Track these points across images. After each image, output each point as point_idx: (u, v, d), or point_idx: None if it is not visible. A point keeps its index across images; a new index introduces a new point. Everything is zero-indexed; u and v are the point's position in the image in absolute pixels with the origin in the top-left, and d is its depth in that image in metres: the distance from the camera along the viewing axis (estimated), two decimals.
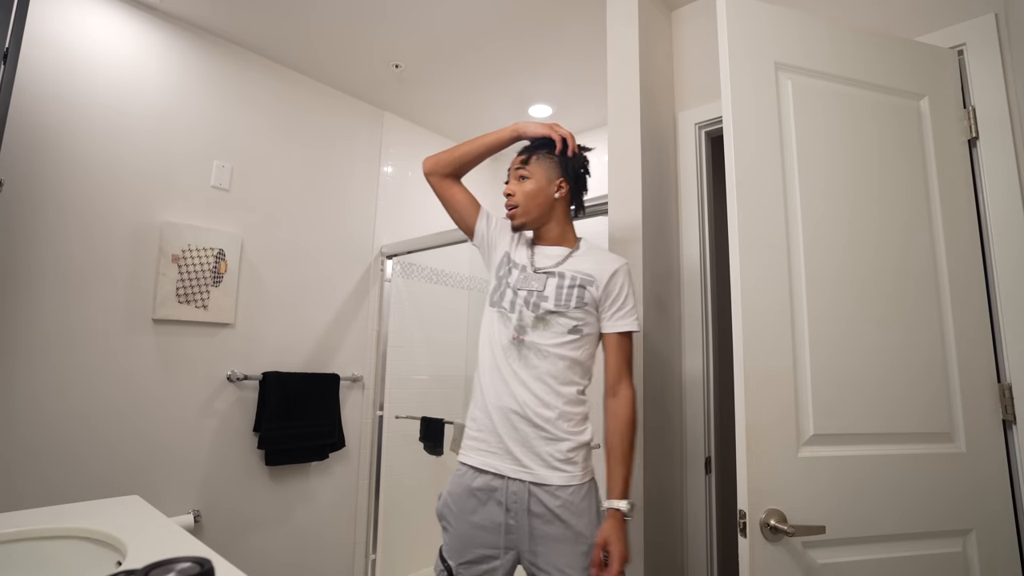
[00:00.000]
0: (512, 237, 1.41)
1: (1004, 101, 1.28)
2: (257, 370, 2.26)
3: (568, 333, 1.26)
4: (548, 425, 1.21)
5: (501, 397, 1.25)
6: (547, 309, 1.26)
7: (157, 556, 0.89)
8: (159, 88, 2.08)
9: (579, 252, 1.35)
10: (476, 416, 1.30)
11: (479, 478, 1.24)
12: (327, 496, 2.46)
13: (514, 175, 1.37)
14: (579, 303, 1.26)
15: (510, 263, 1.36)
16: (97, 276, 1.89)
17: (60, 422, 1.78)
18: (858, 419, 1.15)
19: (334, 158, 2.63)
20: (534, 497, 1.19)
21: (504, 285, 1.33)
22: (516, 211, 1.35)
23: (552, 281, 1.29)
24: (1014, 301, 1.22)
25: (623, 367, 1.30)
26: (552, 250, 1.36)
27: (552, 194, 1.35)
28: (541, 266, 1.33)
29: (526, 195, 1.34)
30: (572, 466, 1.21)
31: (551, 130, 1.37)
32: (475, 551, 1.21)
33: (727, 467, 1.75)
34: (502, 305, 1.31)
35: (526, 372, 1.24)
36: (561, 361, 1.24)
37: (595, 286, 1.28)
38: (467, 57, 2.36)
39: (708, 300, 1.73)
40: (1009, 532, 1.18)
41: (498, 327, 1.30)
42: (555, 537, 1.17)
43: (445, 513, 1.27)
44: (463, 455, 1.29)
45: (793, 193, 1.20)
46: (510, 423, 1.23)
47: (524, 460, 1.21)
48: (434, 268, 3.04)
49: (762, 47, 1.24)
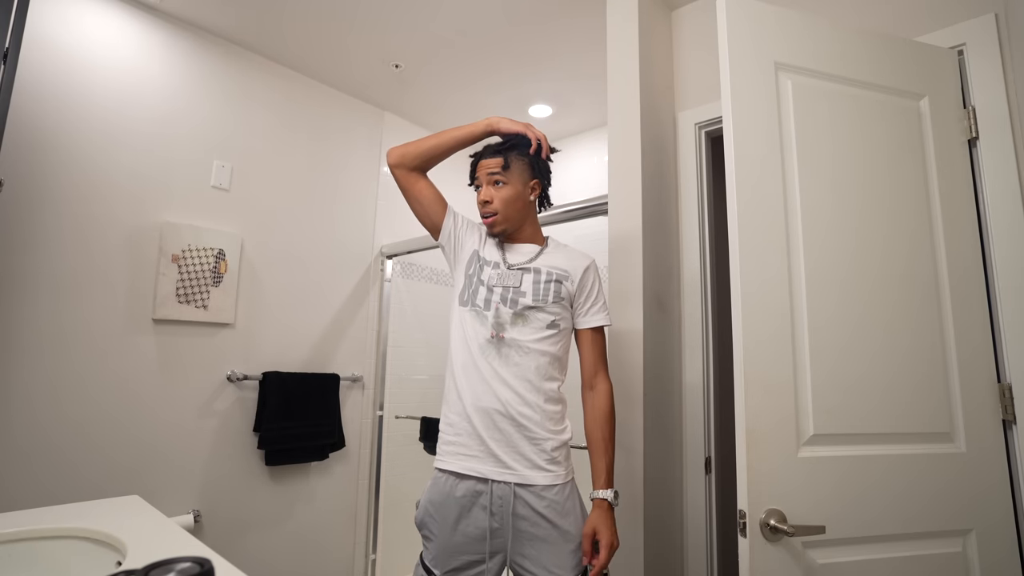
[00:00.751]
0: (481, 235, 1.38)
1: (1004, 101, 1.28)
2: (257, 370, 2.26)
3: (547, 328, 1.26)
4: (531, 424, 1.21)
5: (481, 397, 1.23)
6: (525, 304, 1.26)
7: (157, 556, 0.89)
8: (159, 88, 2.08)
9: (549, 249, 1.36)
10: (452, 420, 1.26)
11: (461, 484, 1.22)
12: (327, 496, 2.46)
13: (488, 180, 1.32)
14: (556, 298, 1.27)
15: (480, 260, 1.33)
16: (97, 276, 1.89)
17: (60, 422, 1.78)
18: (858, 419, 1.15)
19: (334, 158, 2.63)
20: (519, 499, 1.19)
21: (476, 283, 1.30)
22: (496, 219, 1.31)
23: (528, 277, 1.29)
24: (1014, 301, 1.22)
25: (599, 361, 1.32)
26: (524, 247, 1.35)
27: (528, 197, 1.34)
28: (515, 262, 1.32)
29: (505, 202, 1.30)
30: (556, 466, 1.21)
31: (527, 129, 1.33)
32: (461, 558, 1.20)
33: (727, 467, 1.75)
34: (476, 303, 1.28)
35: (507, 370, 1.23)
36: (542, 357, 1.25)
37: (570, 281, 1.30)
38: (467, 57, 2.36)
39: (708, 300, 1.73)
40: (1009, 532, 1.18)
41: (473, 326, 1.27)
42: (542, 538, 1.18)
43: (427, 522, 1.24)
44: (440, 461, 1.25)
45: (793, 193, 1.20)
46: (493, 424, 1.21)
47: (508, 461, 1.20)
48: (434, 268, 3.04)
49: (762, 47, 1.23)
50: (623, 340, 1.61)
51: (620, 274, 1.65)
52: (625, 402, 1.57)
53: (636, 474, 1.54)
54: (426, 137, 1.37)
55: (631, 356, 1.59)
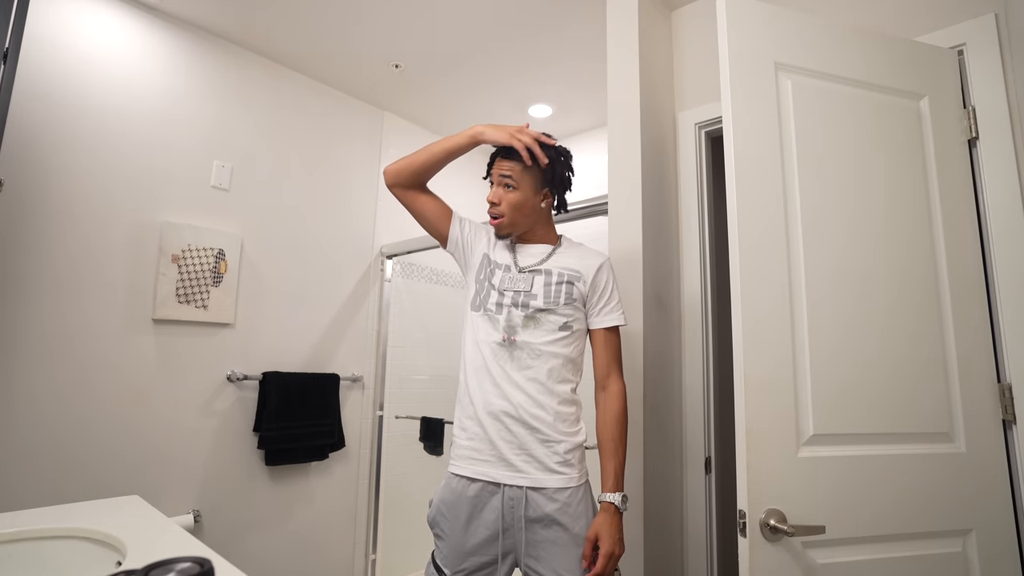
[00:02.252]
0: (490, 238, 1.37)
1: (1004, 101, 1.28)
2: (257, 370, 2.26)
3: (559, 330, 1.25)
4: (543, 426, 1.20)
5: (492, 401, 1.22)
6: (536, 307, 1.24)
7: (157, 556, 0.89)
8: (159, 88, 2.08)
9: (561, 248, 1.34)
10: (466, 425, 1.26)
11: (473, 485, 1.22)
12: (327, 496, 2.46)
13: (499, 180, 1.30)
14: (568, 299, 1.26)
15: (491, 264, 1.33)
16: (97, 276, 1.89)
17: (60, 423, 1.78)
18: (858, 419, 1.15)
19: (334, 158, 2.63)
20: (531, 502, 1.18)
21: (487, 288, 1.30)
22: (502, 221, 1.30)
23: (539, 279, 1.27)
24: (1014, 301, 1.22)
25: (612, 361, 1.30)
26: (535, 248, 1.34)
27: (538, 204, 1.32)
28: (525, 264, 1.31)
29: (511, 206, 1.28)
30: (569, 468, 1.20)
31: (512, 138, 1.26)
32: (472, 559, 1.20)
33: (727, 467, 1.75)
34: (487, 307, 1.28)
35: (519, 373, 1.22)
36: (555, 359, 1.23)
37: (582, 281, 1.28)
38: (467, 57, 2.36)
39: (708, 300, 1.73)
40: (1009, 532, 1.18)
41: (485, 330, 1.26)
42: (554, 541, 1.17)
43: (439, 520, 1.24)
44: (454, 466, 1.26)
45: (793, 193, 1.20)
46: (504, 427, 1.21)
47: (520, 465, 1.19)
48: (434, 268, 3.04)
49: (762, 47, 1.23)
50: (623, 340, 1.61)
51: (620, 274, 1.65)
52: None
53: (636, 474, 1.54)
54: (417, 152, 1.35)
55: (631, 356, 1.59)
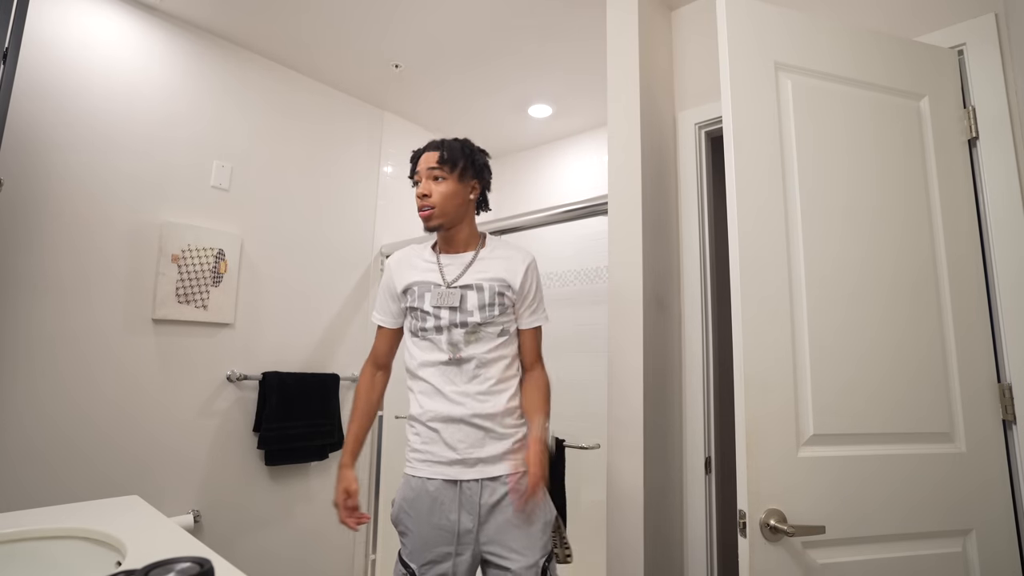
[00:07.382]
0: (400, 267, 1.41)
1: (1004, 101, 1.28)
2: (257, 370, 2.26)
3: (499, 336, 1.34)
4: (495, 425, 1.28)
5: (444, 411, 1.29)
6: (475, 323, 1.31)
7: (157, 556, 0.89)
8: (159, 88, 2.08)
9: (486, 250, 1.39)
10: (419, 430, 1.33)
11: (431, 483, 1.28)
12: (327, 496, 2.46)
13: (428, 175, 1.34)
14: (502, 310, 1.33)
15: (418, 287, 1.35)
16: (97, 276, 1.88)
17: (59, 422, 1.78)
18: (858, 419, 1.15)
19: (334, 158, 2.63)
20: (486, 489, 1.26)
21: (420, 315, 1.34)
22: (433, 212, 1.32)
23: (471, 295, 1.32)
24: (1014, 301, 1.22)
25: (537, 355, 1.43)
26: (461, 257, 1.38)
27: (468, 195, 1.37)
28: (452, 278, 1.35)
29: (443, 196, 1.32)
30: (516, 456, 1.30)
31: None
32: (435, 550, 1.24)
33: (727, 467, 1.75)
34: (426, 332, 1.33)
35: (469, 385, 1.30)
36: (501, 361, 1.33)
37: (511, 289, 1.35)
38: (467, 57, 2.36)
39: (708, 300, 1.73)
40: (1009, 532, 1.18)
41: (430, 351, 1.33)
42: (509, 522, 1.25)
43: (402, 518, 1.29)
44: (411, 468, 1.32)
45: (793, 193, 1.20)
46: (458, 429, 1.28)
47: (473, 462, 1.27)
48: None
49: (762, 47, 1.24)
50: (623, 340, 1.61)
51: (620, 274, 1.65)
52: (625, 402, 1.58)
53: (636, 474, 1.54)
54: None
55: (631, 356, 1.59)
